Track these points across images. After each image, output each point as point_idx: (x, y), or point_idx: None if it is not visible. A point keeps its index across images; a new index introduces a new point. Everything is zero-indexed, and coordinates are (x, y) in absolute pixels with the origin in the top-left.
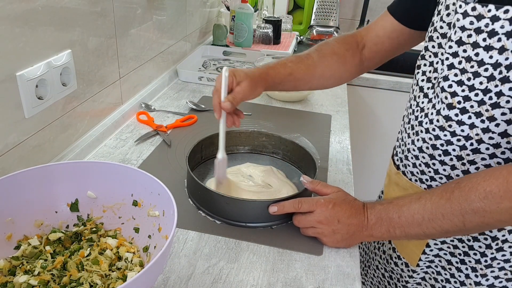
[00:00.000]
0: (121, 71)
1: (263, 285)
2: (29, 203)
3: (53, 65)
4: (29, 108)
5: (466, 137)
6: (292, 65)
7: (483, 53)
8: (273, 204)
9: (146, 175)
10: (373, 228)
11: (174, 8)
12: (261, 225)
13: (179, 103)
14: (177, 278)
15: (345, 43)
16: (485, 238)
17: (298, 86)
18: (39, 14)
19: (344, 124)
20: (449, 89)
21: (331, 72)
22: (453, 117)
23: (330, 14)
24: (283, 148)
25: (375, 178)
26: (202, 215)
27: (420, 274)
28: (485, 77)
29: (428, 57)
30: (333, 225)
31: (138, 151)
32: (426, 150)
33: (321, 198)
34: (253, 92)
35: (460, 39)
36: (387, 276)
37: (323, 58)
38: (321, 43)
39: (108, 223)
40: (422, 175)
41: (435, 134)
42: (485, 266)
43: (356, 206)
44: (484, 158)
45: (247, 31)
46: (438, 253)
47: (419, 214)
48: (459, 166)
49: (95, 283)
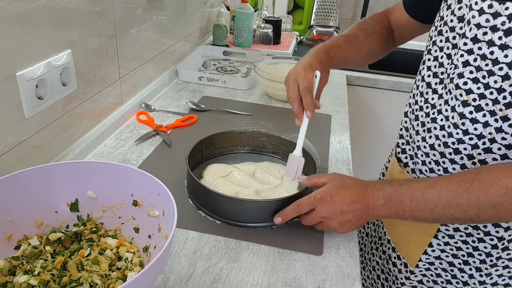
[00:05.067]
0: (121, 71)
1: (263, 285)
2: (29, 203)
3: (53, 65)
4: (29, 108)
5: (479, 136)
6: (346, 46)
7: (498, 51)
8: (276, 215)
9: (146, 175)
10: (381, 209)
11: (174, 8)
12: (261, 225)
13: (179, 103)
14: (177, 278)
15: (381, 22)
16: (491, 239)
17: (347, 64)
18: (39, 14)
19: (344, 124)
20: (464, 86)
21: (374, 50)
22: (467, 115)
23: (330, 14)
24: (283, 148)
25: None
26: (202, 215)
27: (418, 276)
28: (499, 76)
29: (434, 52)
30: (338, 217)
31: (138, 151)
32: (438, 147)
33: (318, 193)
34: (327, 80)
35: (476, 36)
36: (383, 278)
37: (368, 37)
38: (361, 22)
39: (108, 223)
40: (431, 173)
41: (449, 131)
42: (490, 265)
43: (357, 189)
44: (495, 159)
45: (247, 31)
46: (440, 255)
47: (432, 201)
48: (470, 166)
49: (95, 283)
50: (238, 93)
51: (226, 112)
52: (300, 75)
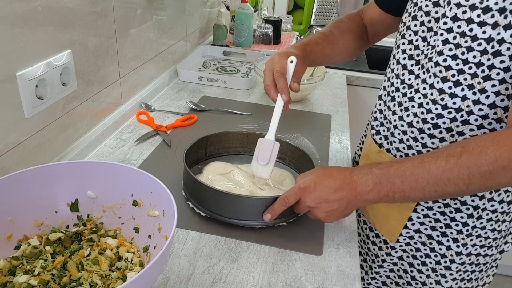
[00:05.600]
0: (121, 71)
1: (263, 285)
2: (29, 203)
3: (53, 65)
4: (29, 108)
5: (457, 109)
6: (322, 42)
7: (477, 28)
8: (265, 212)
9: (146, 175)
10: (370, 194)
11: (174, 8)
12: (245, 223)
13: (179, 103)
14: (177, 278)
15: (355, 20)
16: (467, 208)
17: (324, 61)
18: (39, 14)
19: (344, 124)
20: (443, 63)
21: (349, 47)
22: (447, 90)
23: (330, 14)
24: (289, 154)
25: None
26: (190, 206)
27: (398, 252)
28: (478, 51)
29: (408, 36)
30: (323, 207)
31: (138, 151)
32: (417, 124)
33: (302, 183)
34: (305, 70)
35: (456, 15)
36: (361, 260)
37: (342, 34)
38: (336, 20)
39: (108, 223)
40: (409, 150)
41: (427, 108)
42: (466, 235)
43: (341, 177)
44: (472, 129)
45: (247, 31)
46: (419, 228)
47: (423, 179)
48: (448, 138)
49: (95, 283)
50: (238, 93)
51: (226, 112)
52: (275, 61)
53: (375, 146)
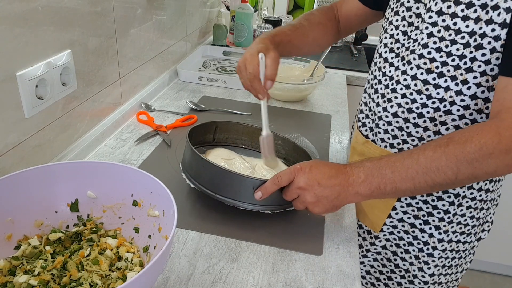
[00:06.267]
0: (121, 71)
1: (263, 285)
2: (29, 203)
3: (53, 65)
4: (29, 108)
5: (440, 99)
6: (291, 33)
7: (460, 22)
8: (256, 190)
9: (146, 175)
10: (361, 185)
11: (174, 8)
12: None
13: (179, 103)
14: (177, 278)
15: (327, 14)
16: (449, 196)
17: (292, 52)
18: (39, 14)
19: (344, 124)
20: (428, 55)
21: (318, 39)
22: (431, 81)
23: None
24: (295, 156)
25: None
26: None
27: (382, 241)
28: (461, 44)
29: (390, 31)
30: (314, 189)
31: (138, 151)
32: (402, 114)
33: (298, 164)
34: (279, 58)
35: (441, 9)
36: None
37: (312, 27)
38: (307, 13)
39: (108, 223)
40: (394, 140)
41: (412, 98)
42: (448, 222)
43: (336, 167)
44: (454, 119)
45: (247, 31)
46: (403, 217)
47: (413, 168)
48: (431, 127)
49: (95, 283)
50: (238, 93)
51: (226, 112)
52: (247, 61)
53: (361, 137)
